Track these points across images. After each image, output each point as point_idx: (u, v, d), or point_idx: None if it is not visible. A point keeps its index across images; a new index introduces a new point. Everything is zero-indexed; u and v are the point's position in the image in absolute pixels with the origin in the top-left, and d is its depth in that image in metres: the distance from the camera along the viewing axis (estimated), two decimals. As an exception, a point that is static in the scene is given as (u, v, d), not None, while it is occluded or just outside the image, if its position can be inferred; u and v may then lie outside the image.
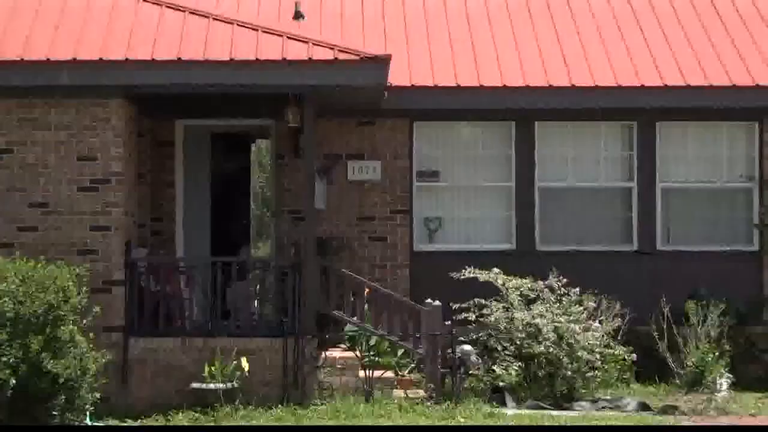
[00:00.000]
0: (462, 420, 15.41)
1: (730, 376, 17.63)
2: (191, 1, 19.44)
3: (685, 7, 21.65)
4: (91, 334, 15.22)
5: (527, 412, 16.16)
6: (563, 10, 21.61)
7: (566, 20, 21.29)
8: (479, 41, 20.65)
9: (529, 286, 17.50)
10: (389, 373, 17.14)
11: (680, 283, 18.72)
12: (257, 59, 16.86)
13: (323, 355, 17.20)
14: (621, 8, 21.67)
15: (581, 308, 17.36)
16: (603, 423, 15.19)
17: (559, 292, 17.48)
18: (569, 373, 16.91)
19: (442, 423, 15.26)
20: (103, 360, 15.29)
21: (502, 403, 16.52)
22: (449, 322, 17.06)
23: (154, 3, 18.31)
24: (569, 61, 20.06)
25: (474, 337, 17.20)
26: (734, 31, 20.90)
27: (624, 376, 17.80)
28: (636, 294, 18.14)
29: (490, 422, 15.33)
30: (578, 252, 19.22)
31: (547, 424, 15.11)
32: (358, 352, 17.28)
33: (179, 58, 16.83)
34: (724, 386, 17.39)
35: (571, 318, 17.17)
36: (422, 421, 15.25)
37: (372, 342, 17.50)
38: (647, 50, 20.33)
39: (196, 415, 15.73)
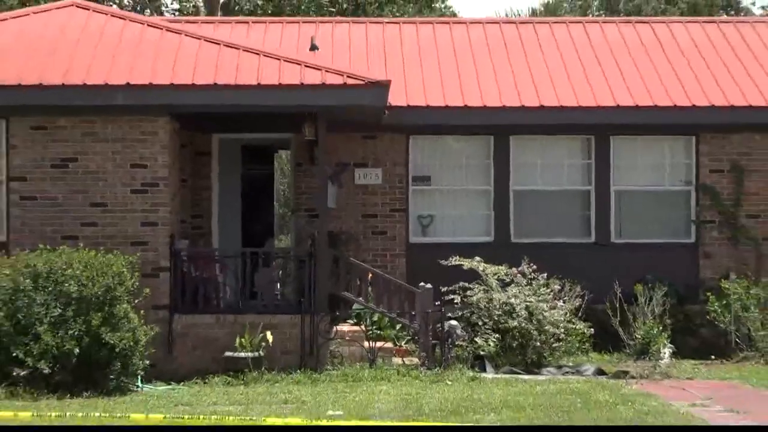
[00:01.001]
0: (449, 382, 15.45)
1: (672, 346, 17.67)
2: (225, 35, 19.58)
3: (633, 41, 21.83)
4: (141, 312, 15.33)
5: (503, 376, 16.23)
6: (533, 42, 21.71)
7: (535, 50, 21.37)
8: (464, 68, 20.68)
9: (505, 271, 17.56)
10: (389, 344, 17.18)
11: (630, 269, 18.77)
12: (280, 84, 16.91)
13: (334, 329, 17.21)
14: (580, 41, 21.77)
15: (548, 290, 17.42)
16: (567, 386, 15.23)
17: (529, 276, 17.54)
18: (538, 343, 16.99)
19: (434, 385, 15.32)
20: (152, 333, 15.41)
21: (483, 369, 16.58)
22: (439, 302, 17.11)
23: (194, 37, 18.41)
24: (538, 85, 20.11)
25: (459, 314, 17.23)
26: (675, 61, 21.00)
27: (583, 347, 17.82)
28: (594, 278, 18.10)
29: (473, 384, 15.38)
30: (546, 243, 19.21)
31: (519, 387, 15.17)
32: (363, 327, 17.28)
33: (215, 83, 16.87)
34: (667, 355, 17.44)
35: (540, 298, 17.23)
36: (412, 385, 15.28)
37: (375, 318, 17.54)
38: (603, 76, 20.41)
39: (229, 378, 15.79)
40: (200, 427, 11.40)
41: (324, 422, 11.83)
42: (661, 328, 17.79)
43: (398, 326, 17.50)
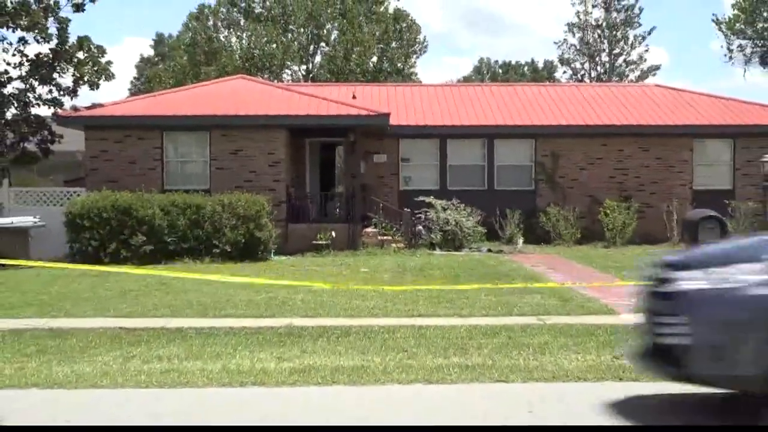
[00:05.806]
0: (418, 256, 15.38)
1: (523, 238, 17.58)
2: (312, 90, 19.23)
3: (507, 93, 21.52)
4: (273, 222, 15.22)
5: (444, 252, 16.11)
6: (458, 94, 21.35)
7: (459, 99, 20.93)
8: (426, 107, 20.32)
9: (445, 203, 17.37)
10: (389, 238, 17.00)
11: (505, 202, 18.51)
12: (338, 114, 16.72)
13: (363, 231, 17.10)
14: (481, 94, 21.29)
15: (465, 212, 17.26)
16: (474, 257, 15.05)
17: (456, 206, 17.36)
18: (460, 237, 16.84)
19: (411, 257, 15.18)
20: (277, 232, 15.35)
21: (434, 250, 16.46)
22: (413, 218, 17.03)
23: (296, 92, 18.34)
24: (460, 114, 19.77)
25: (423, 224, 17.13)
26: (525, 102, 20.63)
27: (481, 239, 17.60)
28: (487, 206, 17.93)
29: (430, 257, 15.25)
30: (465, 190, 18.88)
31: (451, 258, 15.01)
32: (377, 230, 17.17)
33: (307, 114, 16.66)
34: (521, 243, 17.36)
35: (461, 216, 17.07)
36: (401, 256, 15.16)
37: (383, 225, 17.42)
38: (491, 109, 20.00)
39: (315, 253, 15.67)
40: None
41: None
42: (518, 230, 17.72)
43: (394, 229, 17.36)
